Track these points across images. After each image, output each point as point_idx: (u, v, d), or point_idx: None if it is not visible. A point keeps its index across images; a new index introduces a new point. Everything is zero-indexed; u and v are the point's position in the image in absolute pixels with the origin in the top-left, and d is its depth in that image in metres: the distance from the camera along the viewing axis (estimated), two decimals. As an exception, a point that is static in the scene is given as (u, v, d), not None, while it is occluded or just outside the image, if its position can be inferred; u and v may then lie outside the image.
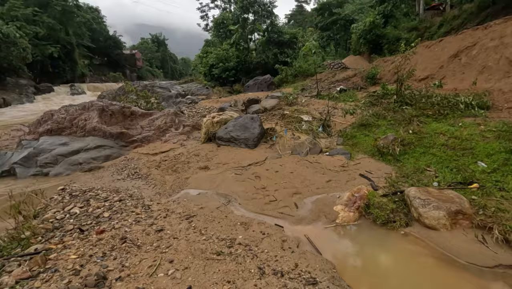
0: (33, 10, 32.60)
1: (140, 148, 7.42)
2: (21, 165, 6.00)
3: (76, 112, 7.41)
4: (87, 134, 7.10)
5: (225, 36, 27.32)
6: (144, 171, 5.72)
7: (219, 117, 7.90)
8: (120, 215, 3.52)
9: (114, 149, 6.99)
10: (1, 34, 25.21)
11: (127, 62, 61.80)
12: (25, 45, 27.91)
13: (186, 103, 17.26)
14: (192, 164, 6.02)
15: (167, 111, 8.93)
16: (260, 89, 17.96)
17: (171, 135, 8.24)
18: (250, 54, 26.10)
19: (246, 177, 5.10)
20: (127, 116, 8.29)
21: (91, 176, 5.84)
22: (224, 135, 7.23)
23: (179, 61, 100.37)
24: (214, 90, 22.80)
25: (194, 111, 13.15)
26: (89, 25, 48.56)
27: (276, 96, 12.78)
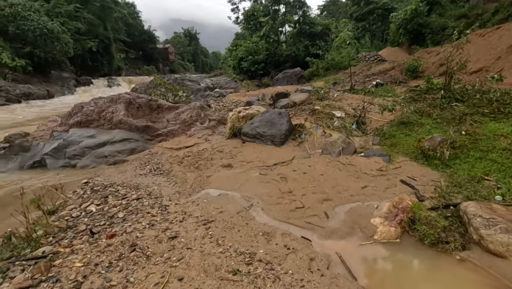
0: (75, 7, 34.41)
1: (164, 141, 7.30)
2: (51, 156, 6.11)
3: (104, 105, 7.46)
4: (114, 127, 7.10)
5: (255, 28, 26.83)
6: (166, 167, 5.54)
7: (245, 112, 7.54)
8: (135, 216, 3.30)
9: (139, 142, 6.93)
10: (46, 30, 26.88)
11: (160, 56, 63.69)
12: (67, 40, 29.59)
13: (214, 97, 17.17)
14: (215, 160, 5.73)
15: (193, 104, 8.75)
16: (289, 83, 17.35)
17: (196, 129, 8.04)
18: (280, 47, 25.41)
19: (271, 177, 4.70)
20: (153, 109, 8.23)
21: (114, 169, 5.79)
22: (249, 131, 6.87)
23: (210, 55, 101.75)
24: (243, 83, 22.53)
25: (221, 105, 12.95)
26: (126, 20, 50.52)
27: (306, 90, 12.15)
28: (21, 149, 6.22)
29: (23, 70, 25.49)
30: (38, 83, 27.02)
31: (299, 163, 5.26)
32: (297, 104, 11.15)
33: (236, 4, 38.41)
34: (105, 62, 40.94)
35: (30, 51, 26.28)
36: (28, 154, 6.22)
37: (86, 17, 35.86)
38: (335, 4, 56.81)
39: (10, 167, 5.97)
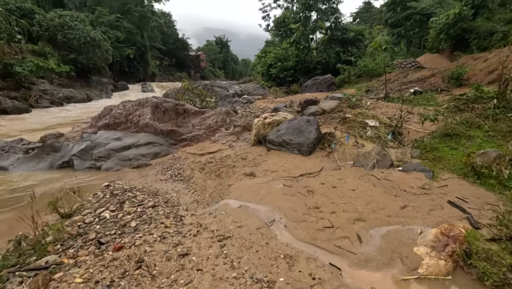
0: (116, 17, 36.64)
1: (188, 146, 7.18)
2: (79, 157, 6.21)
3: (132, 108, 7.53)
4: (140, 130, 7.12)
5: (285, 35, 26.64)
6: (187, 173, 5.35)
7: (272, 118, 7.23)
8: (147, 226, 3.08)
9: (163, 146, 6.86)
10: (89, 38, 28.78)
11: (192, 63, 65.78)
12: (107, 48, 31.44)
13: (242, 103, 17.09)
14: (237, 168, 5.45)
15: (219, 110, 8.61)
16: (319, 90, 16.80)
17: (220, 135, 7.86)
18: (310, 54, 24.92)
19: (296, 190, 4.30)
20: (179, 114, 8.19)
21: (137, 173, 5.73)
22: (275, 139, 6.53)
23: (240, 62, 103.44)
24: (271, 90, 22.31)
25: (247, 111, 12.77)
26: (161, 29, 52.90)
27: (336, 98, 11.59)
28: (52, 149, 6.39)
29: (67, 75, 27.38)
30: (80, 87, 28.88)
31: (328, 175, 4.81)
32: (327, 112, 10.63)
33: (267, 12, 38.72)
34: (140, 68, 42.98)
35: (74, 58, 28.21)
36: (58, 154, 6.37)
37: (125, 26, 38.00)
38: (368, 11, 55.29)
39: (41, 166, 6.14)
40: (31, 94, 19.86)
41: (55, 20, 27.14)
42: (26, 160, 6.27)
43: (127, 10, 39.92)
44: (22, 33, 26.16)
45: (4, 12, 23.74)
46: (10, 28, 24.20)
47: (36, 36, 27.41)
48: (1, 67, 19.50)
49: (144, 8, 42.25)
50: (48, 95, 21.52)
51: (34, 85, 21.43)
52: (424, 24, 27.35)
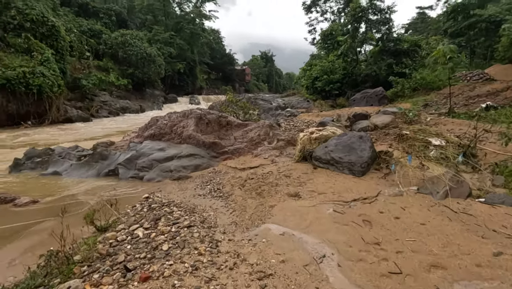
0: (170, 35, 39.45)
1: (229, 160, 6.92)
2: (124, 166, 6.30)
3: (177, 119, 7.57)
4: (183, 142, 7.07)
5: (332, 47, 25.92)
6: (227, 189, 5.03)
7: (319, 133, 6.65)
8: (179, 251, 2.75)
9: (205, 158, 6.69)
10: (145, 54, 31.23)
11: (238, 77, 67.86)
12: (160, 63, 33.80)
13: (285, 116, 16.69)
14: (280, 187, 4.97)
15: (262, 123, 8.28)
16: (369, 104, 15.70)
17: (263, 149, 7.48)
18: (359, 66, 23.76)
19: (349, 218, 3.67)
20: (222, 126, 8.05)
21: (177, 185, 5.57)
22: (322, 156, 5.93)
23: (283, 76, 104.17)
24: (316, 103, 21.60)
25: (291, 125, 12.29)
26: (210, 45, 55.70)
27: (390, 112, 10.57)
28: (101, 157, 6.61)
29: (125, 88, 29.88)
30: (135, 99, 31.26)
31: (388, 202, 4.08)
32: (379, 127, 9.68)
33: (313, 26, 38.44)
34: (189, 82, 45.40)
35: (132, 72, 30.76)
36: (106, 162, 6.56)
37: (178, 43, 40.70)
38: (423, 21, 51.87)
39: (89, 174, 6.34)
40: (93, 105, 21.89)
41: (118, 38, 30.01)
42: (78, 167, 6.55)
43: (180, 28, 42.83)
44: (90, 51, 29.34)
45: (77, 33, 26.91)
46: (81, 47, 27.31)
47: (102, 53, 30.56)
48: (71, 80, 21.88)
49: (195, 26, 44.94)
50: (107, 106, 23.55)
51: (96, 96, 23.65)
52: (492, 32, 24.55)
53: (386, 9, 21.35)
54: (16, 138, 12.65)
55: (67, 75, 21.06)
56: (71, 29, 25.28)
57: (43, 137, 12.75)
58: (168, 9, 43.88)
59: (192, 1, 45.48)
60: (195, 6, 45.52)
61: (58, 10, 28.88)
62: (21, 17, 17.29)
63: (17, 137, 12.91)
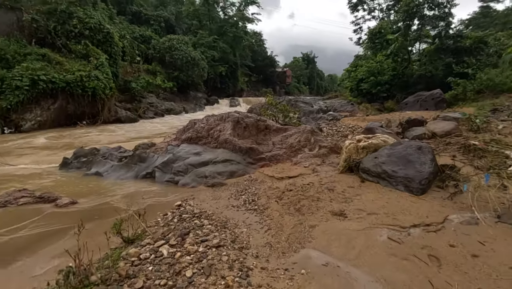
0: (213, 38, 40.51)
1: (266, 167, 6.50)
2: (160, 169, 6.23)
3: (214, 123, 7.37)
4: (219, 146, 6.84)
5: (381, 47, 24.18)
6: (262, 201, 4.60)
7: (367, 141, 5.91)
8: (204, 280, 2.38)
9: (240, 165, 6.35)
10: (190, 58, 32.39)
11: (278, 79, 67.40)
12: (204, 66, 34.81)
13: (327, 120, 15.81)
14: (322, 202, 4.41)
15: (303, 128, 7.72)
16: (423, 108, 14.16)
17: (303, 156, 6.93)
18: (411, 66, 21.79)
19: (409, 250, 3.00)
20: (260, 130, 7.67)
21: (211, 193, 5.30)
22: (372, 168, 5.21)
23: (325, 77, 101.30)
24: (360, 107, 20.24)
25: (334, 130, 11.49)
26: (252, 47, 56.14)
27: (451, 118, 9.26)
28: (139, 159, 6.64)
29: (170, 90, 31.29)
30: (179, 101, 32.55)
31: (460, 233, 3.29)
32: (438, 135, 8.50)
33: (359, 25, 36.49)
34: (230, 84, 46.14)
35: (177, 75, 32.10)
36: (144, 164, 6.57)
37: (221, 46, 41.62)
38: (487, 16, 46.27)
39: (128, 176, 6.39)
40: (141, 106, 23.15)
41: (165, 43, 31.55)
42: (118, 168, 6.66)
43: (223, 32, 43.78)
44: (141, 56, 31.25)
45: (129, 39, 28.82)
46: (133, 52, 29.20)
47: (151, 57, 32.40)
48: (122, 83, 23.42)
49: (238, 29, 45.58)
50: (153, 107, 24.76)
51: (144, 98, 25.01)
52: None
53: (445, 3, 19.20)
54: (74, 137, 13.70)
55: (119, 78, 22.57)
56: (124, 35, 27.16)
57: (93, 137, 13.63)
58: (213, 13, 45.14)
59: (236, 4, 46.19)
60: (238, 10, 46.19)
61: (115, 19, 31.31)
62: (81, 25, 18.86)
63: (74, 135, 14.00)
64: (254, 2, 46.54)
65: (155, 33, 36.21)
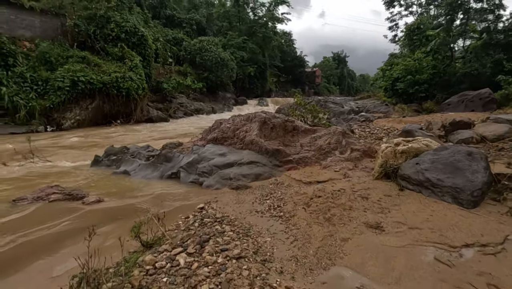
0: (243, 39, 40.70)
1: (294, 170, 6.16)
2: (185, 170, 6.15)
3: (240, 123, 7.17)
4: (244, 147, 6.61)
5: (419, 44, 22.60)
6: (289, 208, 4.28)
7: (407, 145, 5.35)
8: (221, 299, 2.14)
9: (266, 167, 6.08)
10: (219, 59, 32.78)
11: (307, 79, 66.18)
12: (233, 66, 35.06)
13: (359, 121, 15.02)
14: (355, 212, 3.99)
15: (334, 129, 7.26)
16: (469, 109, 12.90)
17: (333, 160, 6.50)
18: (453, 64, 20.10)
19: (463, 276, 2.53)
20: (288, 131, 7.34)
21: (235, 196, 5.09)
22: (412, 175, 4.66)
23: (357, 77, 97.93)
24: (396, 108, 19.03)
25: (367, 132, 10.80)
26: (281, 47, 55.65)
27: (505, 120, 8.24)
28: (165, 159, 6.62)
29: (200, 91, 31.91)
30: (208, 101, 33.08)
31: (527, 258, 2.74)
32: (489, 140, 7.59)
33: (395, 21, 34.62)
34: (259, 85, 46.07)
35: (206, 76, 32.65)
36: (169, 164, 6.54)
37: (250, 47, 41.71)
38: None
39: (154, 175, 6.39)
40: (171, 106, 23.78)
41: (196, 45, 32.23)
42: (145, 167, 6.69)
43: (253, 32, 43.85)
44: (172, 57, 32.21)
45: (162, 41, 29.81)
46: (165, 54, 30.17)
47: (182, 59, 33.28)
48: (155, 84, 24.24)
49: (268, 30, 45.38)
50: (183, 107, 25.34)
51: (174, 99, 25.69)
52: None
53: (495, -6, 17.42)
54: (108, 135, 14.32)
55: (152, 79, 23.37)
56: (158, 38, 28.15)
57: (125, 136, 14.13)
58: (243, 14, 45.38)
59: (266, 5, 46.04)
60: (268, 10, 46.01)
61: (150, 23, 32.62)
62: (118, 29, 19.74)
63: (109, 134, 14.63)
64: (284, 2, 46.06)
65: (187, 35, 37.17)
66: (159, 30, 33.27)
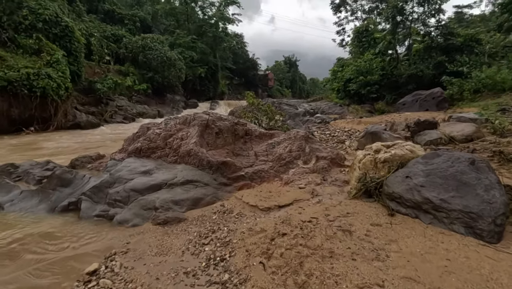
0: (191, 38, 38.37)
1: (247, 188, 4.62)
2: (89, 197, 4.20)
3: (175, 128, 5.41)
4: (180, 160, 4.88)
5: (368, 45, 23.04)
6: (238, 262, 2.70)
7: (389, 152, 4.17)
8: None
9: (209, 188, 4.42)
10: (165, 58, 30.08)
11: (260, 82, 65.92)
12: (181, 67, 32.56)
13: (316, 123, 14.19)
14: (340, 262, 2.57)
15: (294, 133, 5.91)
16: (423, 108, 12.82)
17: (296, 172, 5.11)
18: (400, 66, 20.73)
19: None
20: (239, 137, 5.78)
21: (159, 238, 3.35)
22: (405, 194, 3.44)
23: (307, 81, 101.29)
24: (350, 108, 18.85)
25: (327, 134, 9.80)
26: (233, 49, 54.33)
27: (467, 119, 7.79)
28: (60, 183, 4.56)
29: (144, 93, 28.85)
30: (154, 104, 30.10)
31: None
32: (458, 140, 6.97)
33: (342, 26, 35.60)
34: (211, 87, 43.99)
35: (151, 77, 29.67)
36: (66, 189, 4.50)
37: (200, 47, 39.48)
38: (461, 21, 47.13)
39: (41, 207, 4.30)
40: (107, 110, 20.64)
41: (138, 42, 29.13)
42: (29, 195, 4.54)
43: (203, 32, 41.73)
44: (111, 55, 28.64)
45: (98, 37, 26.23)
46: (101, 51, 26.57)
47: (122, 57, 29.83)
48: (87, 84, 20.87)
49: (218, 30, 43.64)
50: (122, 111, 22.29)
51: (112, 101, 22.49)
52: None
53: None
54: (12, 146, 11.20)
55: (82, 78, 20.03)
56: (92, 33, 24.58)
57: (38, 146, 11.22)
58: (191, 13, 42.99)
59: (215, 4, 44.25)
60: (218, 10, 44.30)
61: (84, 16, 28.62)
62: (34, 17, 16.31)
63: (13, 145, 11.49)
64: (234, 2, 44.77)
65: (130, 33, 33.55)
66: (96, 26, 29.36)
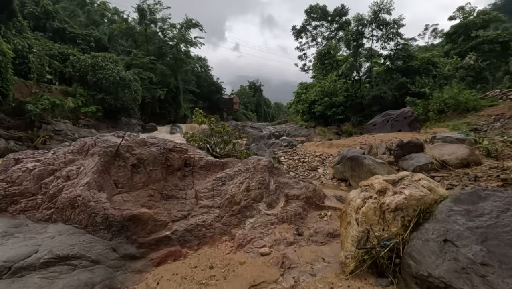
0: (150, 59, 36.34)
1: (172, 261, 2.72)
2: None
3: (63, 159, 3.38)
4: (56, 216, 2.84)
5: (331, 68, 22.89)
6: None
7: (402, 193, 2.58)
8: None
9: (100, 268, 2.44)
10: (118, 78, 27.55)
11: (225, 106, 64.91)
12: (137, 88, 30.08)
13: (282, 146, 12.71)
14: None
15: (254, 162, 4.18)
16: (396, 129, 11.98)
17: (257, 223, 3.34)
18: (363, 87, 20.61)
19: None
20: (173, 170, 3.91)
21: None
22: (456, 283, 1.81)
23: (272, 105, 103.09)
24: (317, 130, 17.87)
25: (296, 160, 8.25)
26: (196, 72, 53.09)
27: (455, 140, 6.74)
28: None
29: (94, 116, 25.78)
30: (106, 128, 26.97)
31: None
32: (451, 165, 5.76)
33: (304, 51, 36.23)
34: (172, 110, 41.65)
35: (102, 98, 26.79)
36: None
37: (160, 68, 37.47)
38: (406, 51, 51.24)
39: None
40: (39, 134, 17.46)
41: (88, 60, 26.45)
42: None
43: (163, 53, 39.98)
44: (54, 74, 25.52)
45: (38, 54, 23.23)
46: (42, 69, 23.47)
47: (68, 77, 26.76)
48: (16, 105, 17.67)
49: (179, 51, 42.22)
50: (60, 136, 19.12)
51: (48, 125, 19.28)
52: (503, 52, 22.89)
53: (392, 24, 18.60)
54: None
55: (9, 98, 16.91)
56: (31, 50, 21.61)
57: None
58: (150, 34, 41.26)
59: (177, 27, 43.12)
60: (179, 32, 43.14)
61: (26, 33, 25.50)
62: None
63: None
64: (197, 25, 44.04)
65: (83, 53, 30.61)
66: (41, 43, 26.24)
